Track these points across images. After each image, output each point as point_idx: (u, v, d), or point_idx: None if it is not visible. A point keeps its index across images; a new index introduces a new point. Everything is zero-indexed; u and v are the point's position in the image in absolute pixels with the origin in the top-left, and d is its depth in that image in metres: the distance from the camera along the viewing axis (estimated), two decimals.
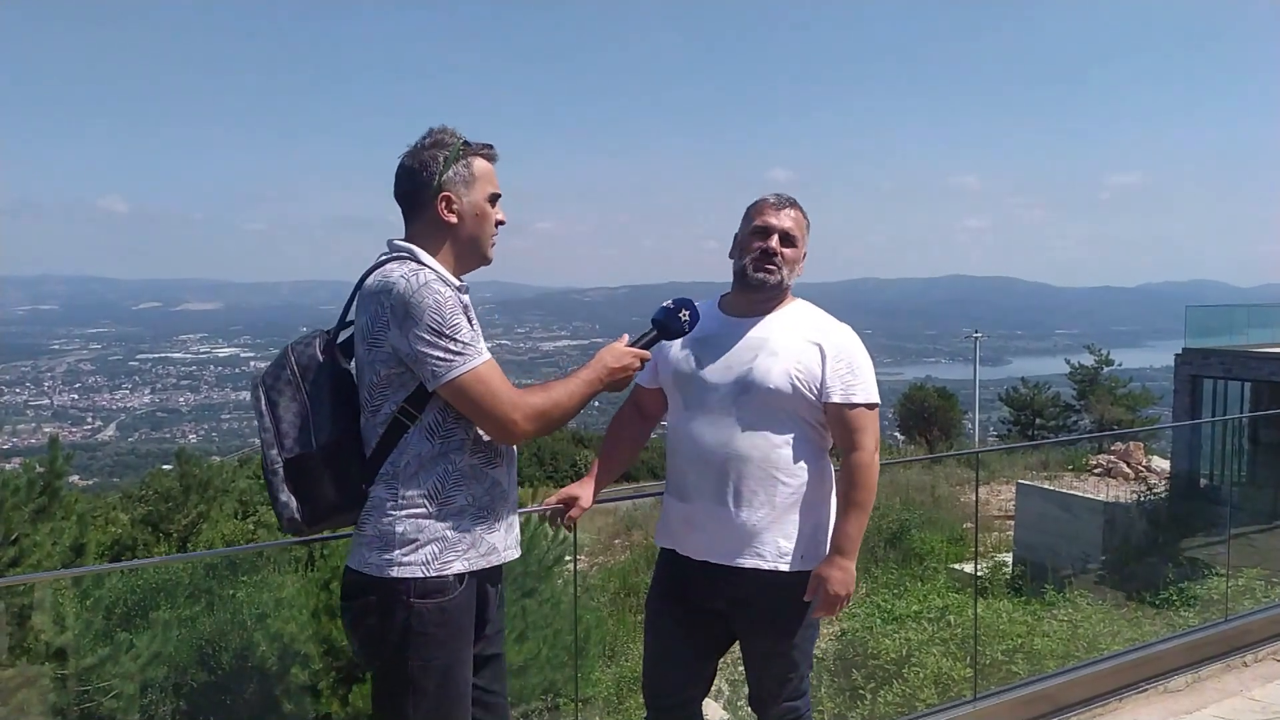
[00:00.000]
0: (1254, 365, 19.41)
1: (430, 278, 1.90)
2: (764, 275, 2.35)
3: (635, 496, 8.91)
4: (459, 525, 1.96)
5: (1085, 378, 32.38)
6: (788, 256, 2.37)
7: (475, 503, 1.99)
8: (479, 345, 1.93)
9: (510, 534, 2.07)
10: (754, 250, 2.37)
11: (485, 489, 2.00)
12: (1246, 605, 5.24)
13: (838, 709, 5.83)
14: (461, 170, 2.01)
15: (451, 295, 1.90)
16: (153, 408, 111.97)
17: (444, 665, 1.94)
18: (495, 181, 2.06)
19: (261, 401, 1.95)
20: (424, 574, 1.93)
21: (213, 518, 11.61)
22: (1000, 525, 15.60)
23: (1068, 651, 5.84)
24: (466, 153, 2.02)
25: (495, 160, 2.07)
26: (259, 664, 5.18)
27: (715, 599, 2.40)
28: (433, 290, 1.87)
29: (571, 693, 5.43)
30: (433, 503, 1.95)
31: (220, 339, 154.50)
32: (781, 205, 2.40)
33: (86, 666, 4.75)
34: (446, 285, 1.91)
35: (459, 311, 1.90)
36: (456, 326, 1.88)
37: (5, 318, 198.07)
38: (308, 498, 1.94)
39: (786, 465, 2.32)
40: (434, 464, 1.96)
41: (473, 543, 1.98)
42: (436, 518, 1.95)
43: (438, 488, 1.95)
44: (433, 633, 1.93)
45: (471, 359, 1.90)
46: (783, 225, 2.37)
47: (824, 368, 2.32)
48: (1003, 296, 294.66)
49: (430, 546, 1.94)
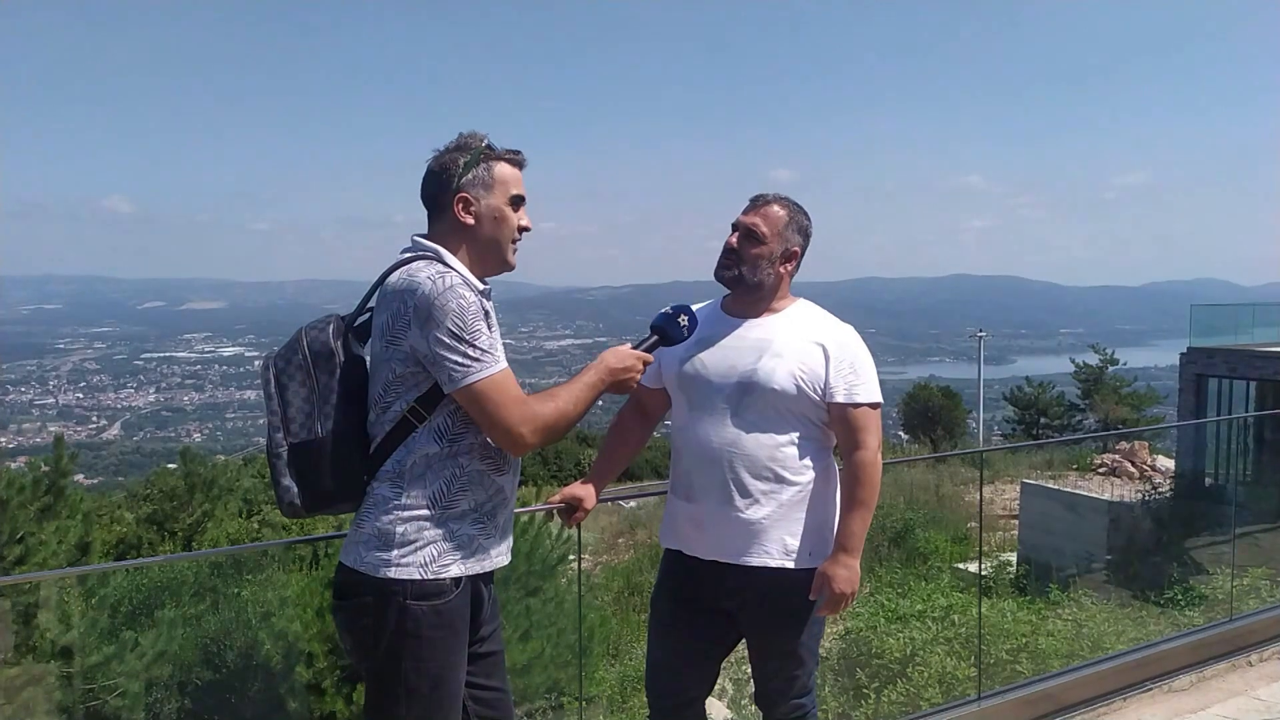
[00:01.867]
0: (1259, 364, 19.36)
1: (455, 281, 1.91)
2: (722, 273, 2.38)
3: (639, 495, 8.92)
4: (460, 529, 1.96)
5: (1090, 377, 32.33)
6: (750, 254, 2.35)
7: (477, 508, 1.99)
8: (497, 353, 1.93)
9: (505, 539, 2.08)
10: (723, 247, 2.40)
11: (489, 495, 2.00)
12: (1251, 605, 5.23)
13: (841, 708, 5.83)
14: (481, 173, 2.02)
15: (475, 300, 1.91)
16: (157, 407, 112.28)
17: (438, 668, 1.95)
18: (519, 186, 2.06)
19: (271, 384, 1.96)
20: (421, 576, 1.93)
21: (217, 516, 11.63)
22: (1005, 525, 15.59)
23: (1072, 651, 5.83)
24: (488, 156, 2.03)
25: (522, 166, 2.07)
26: (263, 662, 5.19)
27: (723, 598, 2.40)
28: (457, 294, 1.88)
29: (575, 691, 5.44)
30: (436, 505, 1.95)
31: (225, 338, 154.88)
32: (758, 203, 2.40)
33: (92, 665, 4.76)
34: (470, 289, 1.92)
35: (480, 317, 1.91)
36: (477, 332, 1.89)
37: (10, 317, 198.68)
38: (308, 484, 1.94)
39: (792, 464, 2.33)
40: (441, 466, 1.96)
41: (471, 547, 1.98)
42: (438, 521, 1.95)
43: (443, 491, 1.95)
44: (427, 635, 1.93)
45: (489, 366, 1.90)
46: (745, 222, 2.37)
47: (828, 368, 2.33)
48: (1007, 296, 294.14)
49: (429, 549, 1.94)
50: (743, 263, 2.35)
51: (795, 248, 2.41)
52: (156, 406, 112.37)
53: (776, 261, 2.38)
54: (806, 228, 2.44)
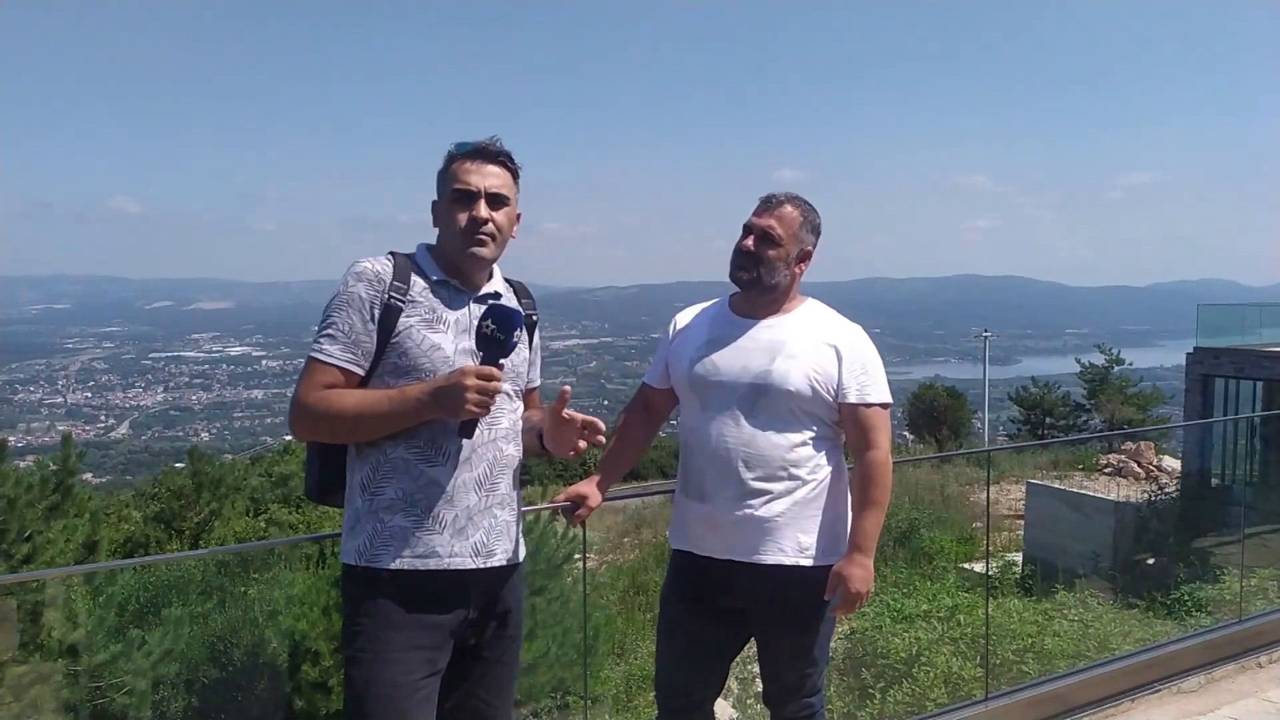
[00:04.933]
0: (1266, 364, 19.28)
1: (358, 268, 1.96)
2: (738, 275, 2.38)
3: (644, 495, 8.92)
4: (391, 521, 1.95)
5: (1095, 377, 32.21)
6: (767, 257, 2.35)
7: (406, 498, 1.96)
8: (336, 340, 1.93)
9: (460, 540, 1.98)
10: (734, 250, 2.39)
11: (419, 485, 1.96)
12: (1260, 606, 5.21)
13: (847, 708, 5.81)
14: (441, 175, 2.07)
15: (355, 289, 1.94)
16: (165, 406, 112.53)
17: (370, 661, 1.91)
18: (465, 179, 2.00)
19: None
20: (355, 562, 1.95)
21: (225, 515, 11.64)
22: (1010, 525, 15.53)
23: (1079, 651, 5.81)
24: (449, 158, 2.05)
25: (470, 157, 2.02)
26: (270, 661, 5.20)
27: (736, 597, 2.40)
28: (346, 279, 1.96)
29: (581, 691, 5.43)
30: (365, 491, 1.97)
31: (232, 338, 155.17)
32: (770, 205, 2.39)
33: (99, 663, 4.77)
34: (361, 280, 1.95)
35: (347, 305, 1.94)
36: (331, 316, 1.94)
37: (19, 317, 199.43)
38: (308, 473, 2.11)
39: (805, 462, 2.35)
40: (368, 453, 1.97)
41: (404, 539, 1.94)
42: (370, 509, 1.96)
43: (370, 477, 1.97)
44: (363, 624, 1.93)
45: (313, 346, 1.95)
46: (761, 224, 2.36)
47: (840, 369, 2.35)
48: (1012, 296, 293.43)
49: (363, 538, 1.96)
50: (761, 265, 2.36)
51: (809, 247, 2.43)
52: (164, 406, 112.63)
53: (792, 263, 2.39)
54: (818, 226, 2.44)
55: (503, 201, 2.03)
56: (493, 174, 2.02)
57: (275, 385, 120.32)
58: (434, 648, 1.97)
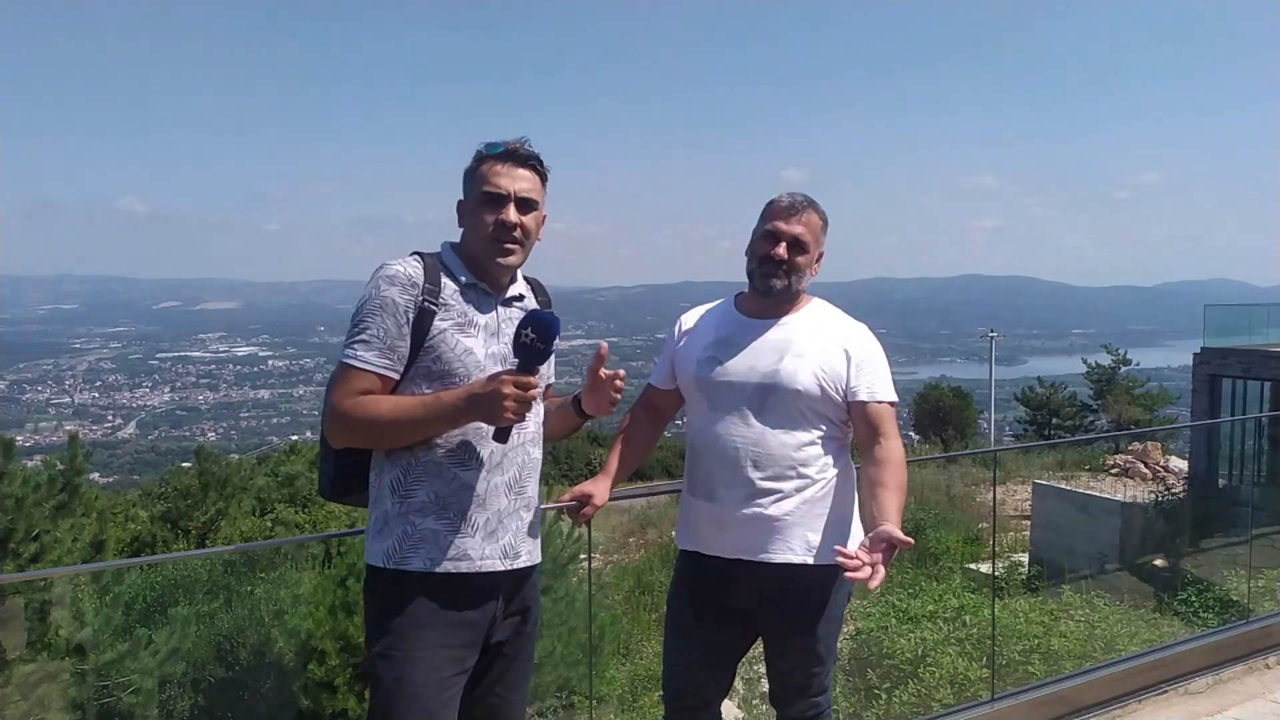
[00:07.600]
0: (1273, 365, 19.21)
1: (389, 272, 1.94)
2: (771, 282, 2.37)
3: (650, 494, 8.88)
4: (422, 523, 1.95)
5: (1102, 377, 32.14)
6: (797, 264, 2.36)
7: (438, 500, 1.96)
8: (371, 345, 1.91)
9: (491, 543, 2.00)
10: (761, 256, 2.38)
11: (451, 489, 1.97)
12: (1268, 606, 5.19)
13: (853, 708, 5.81)
14: (468, 177, 2.06)
15: (390, 293, 1.92)
16: (172, 406, 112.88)
17: (400, 659, 1.91)
18: (493, 181, 2.00)
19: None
20: (383, 564, 1.95)
21: (231, 515, 11.67)
22: (1016, 525, 15.49)
23: (1085, 652, 5.80)
24: (477, 159, 2.05)
25: (500, 160, 2.01)
26: (276, 660, 5.21)
27: (744, 597, 2.40)
28: (375, 283, 1.94)
29: (586, 690, 5.43)
30: (394, 494, 1.97)
31: (239, 338, 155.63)
32: (795, 210, 2.38)
33: (106, 662, 4.79)
34: (394, 284, 1.92)
35: (381, 309, 1.91)
36: (363, 320, 1.92)
37: (27, 317, 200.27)
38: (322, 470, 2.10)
39: (813, 462, 2.35)
40: (399, 454, 1.97)
41: (436, 542, 1.95)
42: (400, 511, 1.96)
43: (400, 479, 1.97)
44: (392, 625, 1.93)
45: (346, 352, 1.92)
46: (792, 232, 2.36)
47: (849, 368, 2.35)
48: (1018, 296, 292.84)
49: (392, 539, 1.95)
50: (793, 273, 2.36)
51: (823, 249, 2.44)
52: (171, 406, 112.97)
53: (813, 266, 2.41)
54: (828, 226, 2.46)
55: (531, 206, 2.03)
56: (523, 177, 2.02)
57: (281, 385, 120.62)
58: (463, 647, 1.98)
